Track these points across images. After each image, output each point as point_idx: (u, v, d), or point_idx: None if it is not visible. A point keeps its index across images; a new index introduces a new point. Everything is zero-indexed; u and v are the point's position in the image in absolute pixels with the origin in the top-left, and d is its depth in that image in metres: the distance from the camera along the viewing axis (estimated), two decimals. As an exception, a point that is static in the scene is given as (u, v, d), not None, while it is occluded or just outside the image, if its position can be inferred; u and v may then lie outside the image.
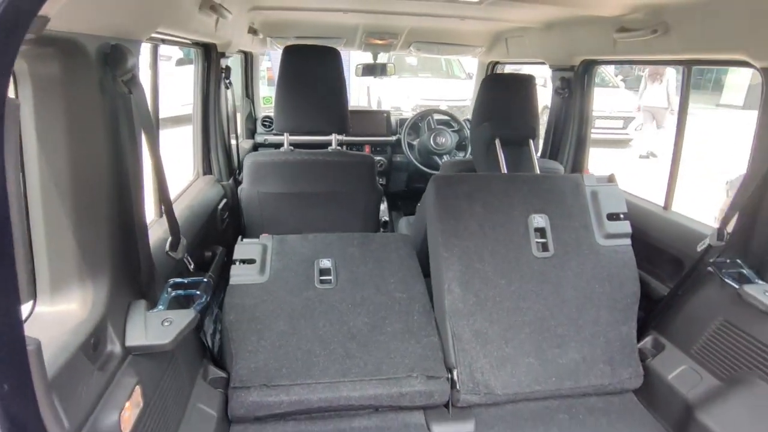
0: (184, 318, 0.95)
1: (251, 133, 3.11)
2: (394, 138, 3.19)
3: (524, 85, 1.92)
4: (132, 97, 0.87)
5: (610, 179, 1.74)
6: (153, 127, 0.95)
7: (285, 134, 2.00)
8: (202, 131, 1.90)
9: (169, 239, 1.10)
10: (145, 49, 1.44)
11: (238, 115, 2.78)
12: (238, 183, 2.09)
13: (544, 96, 3.05)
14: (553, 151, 2.33)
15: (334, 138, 2.11)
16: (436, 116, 3.18)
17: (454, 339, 1.47)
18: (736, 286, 1.23)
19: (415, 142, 3.13)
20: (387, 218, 3.13)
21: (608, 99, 8.41)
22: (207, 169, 1.98)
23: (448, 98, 8.10)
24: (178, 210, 1.56)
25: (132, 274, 0.96)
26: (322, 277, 1.64)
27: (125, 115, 0.88)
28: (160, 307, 1.00)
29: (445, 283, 1.51)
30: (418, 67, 11.07)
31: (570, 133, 2.21)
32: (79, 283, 0.84)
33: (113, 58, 0.83)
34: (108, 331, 0.87)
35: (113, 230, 0.92)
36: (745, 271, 1.28)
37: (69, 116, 0.77)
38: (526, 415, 1.46)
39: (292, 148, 2.01)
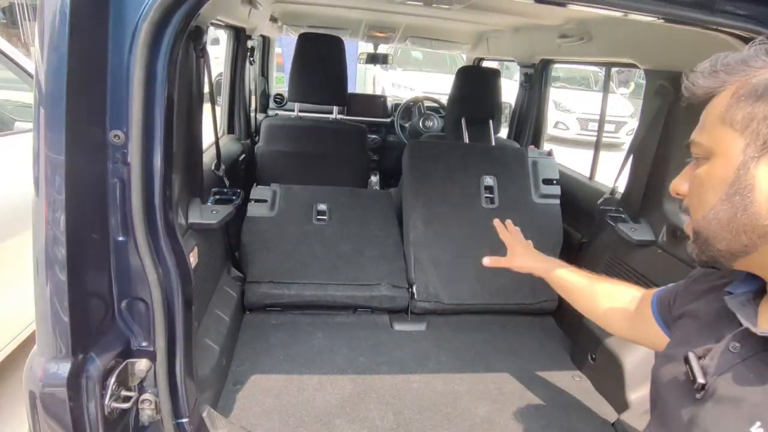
0: (225, 209, 1.42)
1: (264, 108, 3.57)
2: (388, 120, 3.65)
3: (490, 76, 2.39)
4: (202, 60, 1.33)
5: (549, 154, 2.21)
6: (213, 83, 1.41)
7: (296, 104, 2.47)
8: (229, 97, 2.37)
9: (215, 161, 1.57)
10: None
11: (256, 91, 3.24)
12: (254, 143, 2.56)
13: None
14: (517, 132, 2.80)
15: (335, 110, 2.58)
16: (427, 103, 3.64)
17: (415, 262, 1.94)
18: (613, 224, 1.70)
19: (406, 125, 3.59)
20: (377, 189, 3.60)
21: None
22: (230, 129, 2.44)
23: (449, 92, 8.53)
24: (209, 155, 2.03)
25: (192, 181, 1.43)
26: (318, 216, 2.11)
27: (197, 72, 1.34)
28: (209, 203, 1.47)
29: (411, 221, 1.98)
30: (423, 62, 11.46)
31: (530, 118, 2.68)
32: None
33: (194, 34, 1.28)
34: (179, 213, 1.34)
35: (182, 151, 1.38)
36: (623, 216, 1.75)
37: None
38: (466, 323, 1.94)
39: (301, 115, 2.48)
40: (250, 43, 2.40)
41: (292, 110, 2.94)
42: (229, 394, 1.43)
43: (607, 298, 1.07)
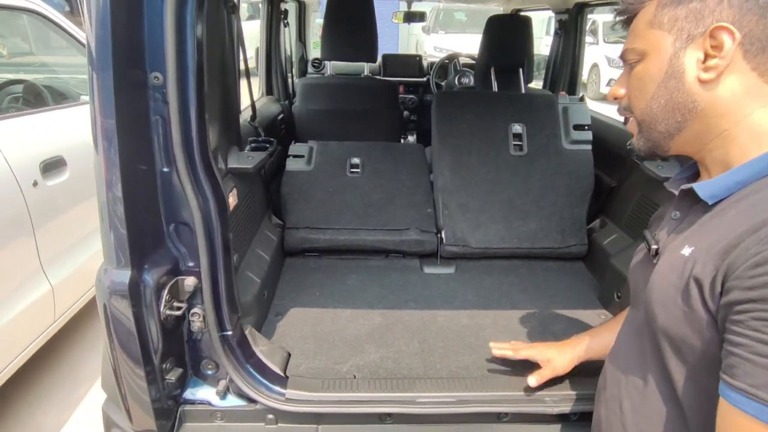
0: (260, 155, 1.55)
1: (302, 73, 3.69)
2: (424, 79, 3.67)
3: (520, 24, 2.36)
4: (233, 16, 1.45)
5: (581, 99, 2.19)
6: (243, 37, 1.53)
7: (328, 64, 2.56)
8: (266, 59, 2.49)
9: (250, 113, 1.70)
10: None
11: (293, 56, 3.36)
12: (292, 104, 2.69)
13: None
14: (552, 82, 2.75)
15: (366, 68, 2.65)
16: (462, 60, 3.62)
17: (443, 208, 2.02)
18: (640, 163, 1.69)
19: (442, 83, 3.59)
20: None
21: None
22: (269, 90, 2.58)
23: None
24: (248, 111, 2.17)
25: (229, 131, 1.56)
26: (352, 170, 2.21)
27: (229, 28, 1.46)
28: (246, 150, 1.61)
29: (439, 169, 2.05)
30: (467, 23, 11.17)
31: (566, 67, 2.63)
32: None
33: None
34: (218, 157, 1.48)
35: (219, 102, 1.51)
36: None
37: (207, 24, 1.35)
38: (495, 267, 2.01)
39: (334, 74, 2.57)
40: (283, 6, 2.50)
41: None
42: (271, 322, 1.60)
43: None
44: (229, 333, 1.20)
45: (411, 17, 3.92)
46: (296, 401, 1.19)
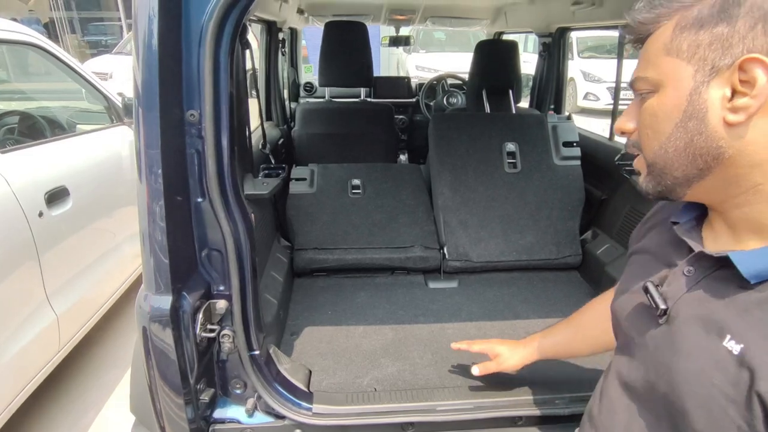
0: (273, 182, 1.62)
1: (295, 96, 3.78)
2: (414, 100, 3.79)
3: (508, 48, 2.50)
4: (247, 51, 1.53)
5: (568, 118, 2.32)
6: (255, 69, 1.61)
7: (326, 89, 2.66)
8: (265, 86, 2.58)
9: (261, 141, 1.78)
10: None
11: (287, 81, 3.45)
12: (290, 128, 2.77)
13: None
14: (539, 101, 2.90)
15: (362, 92, 2.76)
16: (449, 80, 3.76)
17: (444, 225, 2.11)
18: (629, 177, 1.81)
19: (431, 103, 3.72)
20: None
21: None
22: (268, 116, 2.66)
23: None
24: (255, 137, 2.24)
25: (243, 158, 1.63)
26: (353, 191, 2.29)
27: (242, 60, 1.54)
28: (260, 177, 1.68)
29: (439, 188, 2.14)
30: (446, 42, 11.46)
31: (550, 86, 2.77)
32: None
33: (240, 29, 1.48)
34: (237, 185, 1.55)
35: (238, 132, 1.59)
36: (638, 169, 1.85)
37: None
38: (495, 279, 2.10)
39: (331, 99, 2.67)
40: (280, 36, 2.60)
41: (322, 97, 3.13)
42: (288, 342, 1.65)
43: (598, 320, 1.00)
44: (257, 353, 1.25)
45: (397, 42, 4.07)
46: (323, 415, 1.25)
